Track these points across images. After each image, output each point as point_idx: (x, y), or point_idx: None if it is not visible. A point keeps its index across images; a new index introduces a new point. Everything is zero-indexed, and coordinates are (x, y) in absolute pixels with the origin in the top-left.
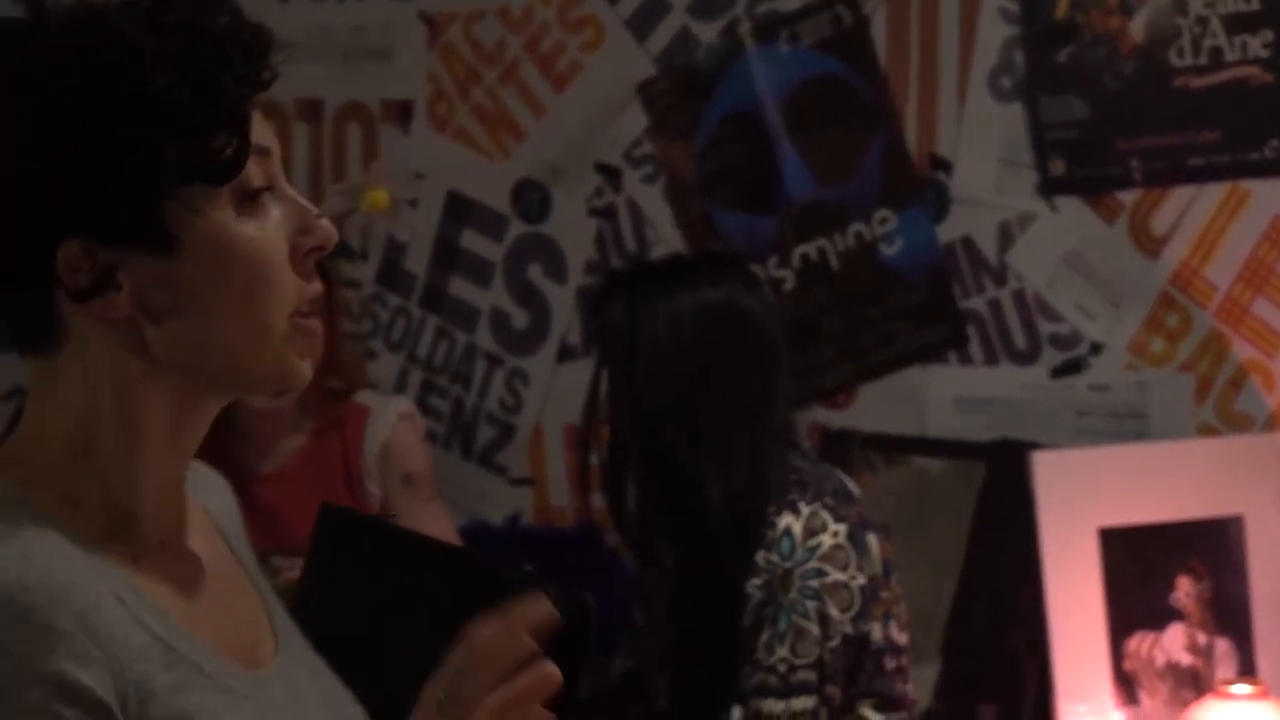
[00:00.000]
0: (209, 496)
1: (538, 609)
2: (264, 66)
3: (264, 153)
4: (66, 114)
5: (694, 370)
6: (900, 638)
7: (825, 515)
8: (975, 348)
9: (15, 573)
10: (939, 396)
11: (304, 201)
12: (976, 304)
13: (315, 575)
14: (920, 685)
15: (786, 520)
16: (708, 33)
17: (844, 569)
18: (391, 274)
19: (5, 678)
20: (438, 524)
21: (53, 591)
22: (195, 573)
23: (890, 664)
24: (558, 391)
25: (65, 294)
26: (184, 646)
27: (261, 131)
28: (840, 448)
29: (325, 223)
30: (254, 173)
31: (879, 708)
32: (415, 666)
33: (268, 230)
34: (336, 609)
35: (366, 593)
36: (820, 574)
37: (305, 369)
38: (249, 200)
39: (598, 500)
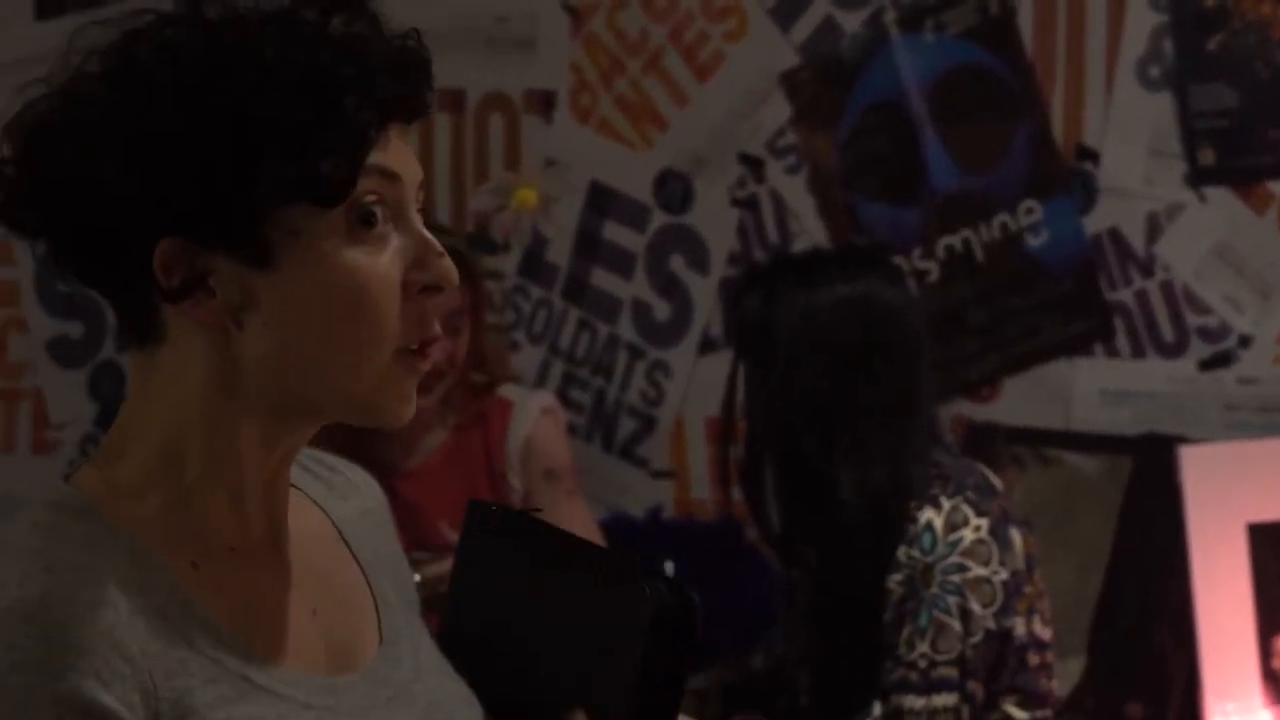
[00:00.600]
0: (339, 498)
1: None
2: (406, 92)
3: (390, 178)
4: (179, 109)
5: (830, 366)
6: (1044, 633)
7: (967, 509)
8: (1122, 340)
9: (38, 588)
10: (1085, 390)
11: (429, 236)
12: (1123, 296)
13: (461, 570)
14: (1065, 682)
15: (928, 515)
16: (852, 21)
17: (986, 564)
18: (534, 266)
19: (20, 696)
20: (578, 519)
21: (77, 607)
22: (266, 578)
23: (1034, 660)
24: (699, 384)
25: (159, 292)
26: (233, 659)
27: (396, 156)
28: (984, 442)
29: (446, 263)
30: (372, 198)
31: (1022, 704)
32: (553, 662)
33: (379, 260)
34: (479, 604)
35: (509, 588)
36: (962, 569)
37: (404, 409)
38: (364, 226)
39: (739, 494)
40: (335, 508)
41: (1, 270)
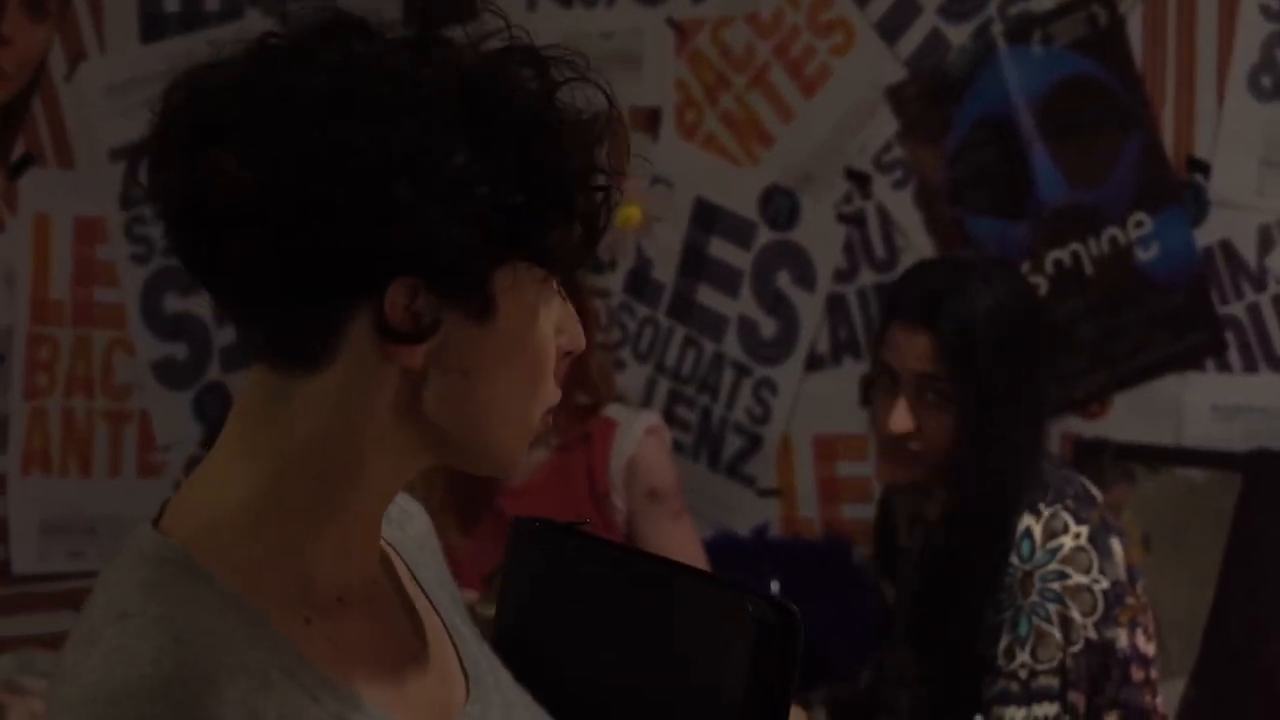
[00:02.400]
0: (398, 528)
1: None
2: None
3: None
4: (470, 149)
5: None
6: (1148, 648)
7: (1066, 517)
8: (1234, 355)
9: (171, 663)
10: (1196, 405)
11: (567, 302)
12: (1235, 310)
13: (509, 590)
14: (1170, 699)
15: (1026, 522)
16: (959, 34)
17: (1086, 571)
18: (639, 283)
19: None
20: (683, 541)
21: (212, 678)
22: (374, 628)
23: (1138, 675)
24: (806, 401)
25: (375, 326)
26: (357, 716)
27: None
28: (1093, 458)
29: (579, 329)
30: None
31: (1125, 719)
32: (636, 682)
33: (549, 325)
34: (532, 624)
35: (569, 607)
36: (1062, 576)
37: (526, 463)
38: (550, 290)
39: (847, 512)
40: (398, 540)
41: (108, 293)
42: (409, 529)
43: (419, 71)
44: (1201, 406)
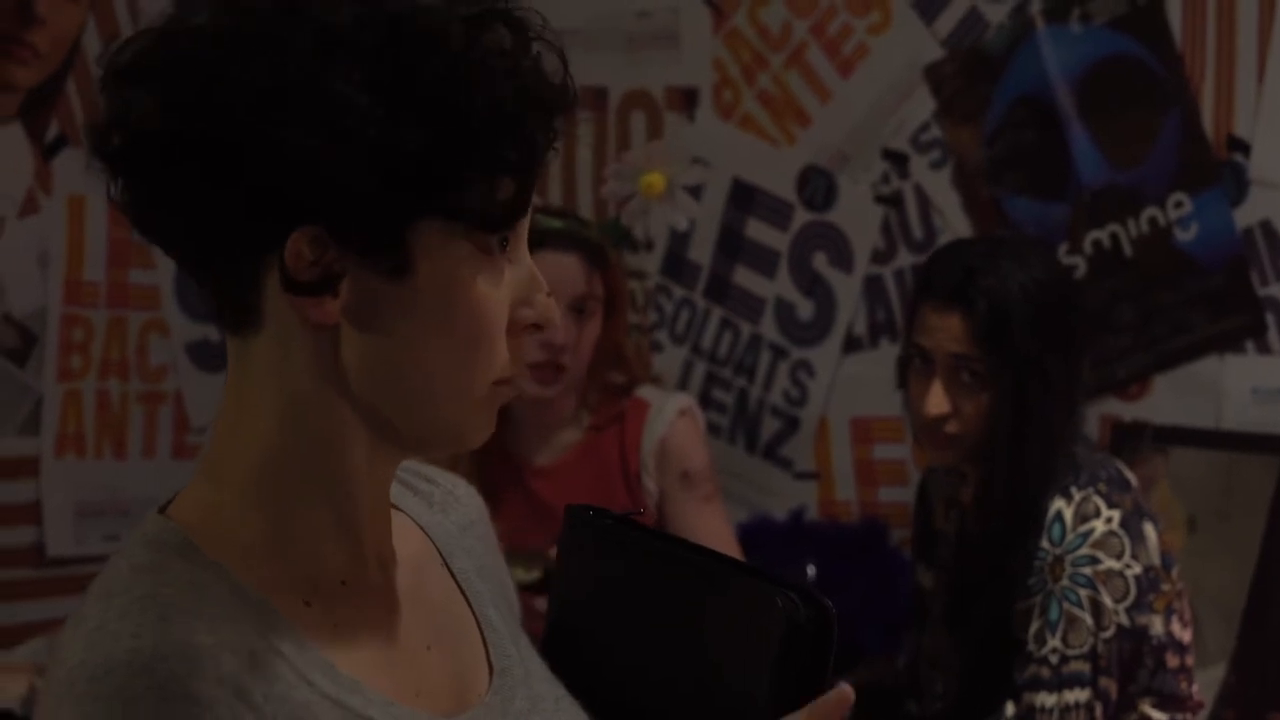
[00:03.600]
0: (439, 511)
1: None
2: (561, 120)
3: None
4: (374, 94)
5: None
6: (1184, 635)
7: (1098, 500)
8: (1274, 337)
9: (152, 639)
10: (1236, 387)
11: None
12: (1275, 291)
13: (562, 579)
14: (1208, 688)
15: (1058, 505)
16: (997, 13)
17: (1118, 556)
18: (676, 265)
19: None
20: (714, 524)
21: (194, 657)
22: (380, 613)
23: (1173, 661)
24: (843, 383)
25: (280, 279)
26: (354, 699)
27: None
28: (1133, 439)
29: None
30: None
31: (1160, 706)
32: (671, 674)
33: (498, 291)
34: (582, 613)
35: (616, 596)
36: (1093, 560)
37: (484, 436)
38: (496, 253)
39: (884, 495)
40: (434, 524)
41: (143, 274)
42: (452, 513)
43: (338, 13)
44: (1241, 388)
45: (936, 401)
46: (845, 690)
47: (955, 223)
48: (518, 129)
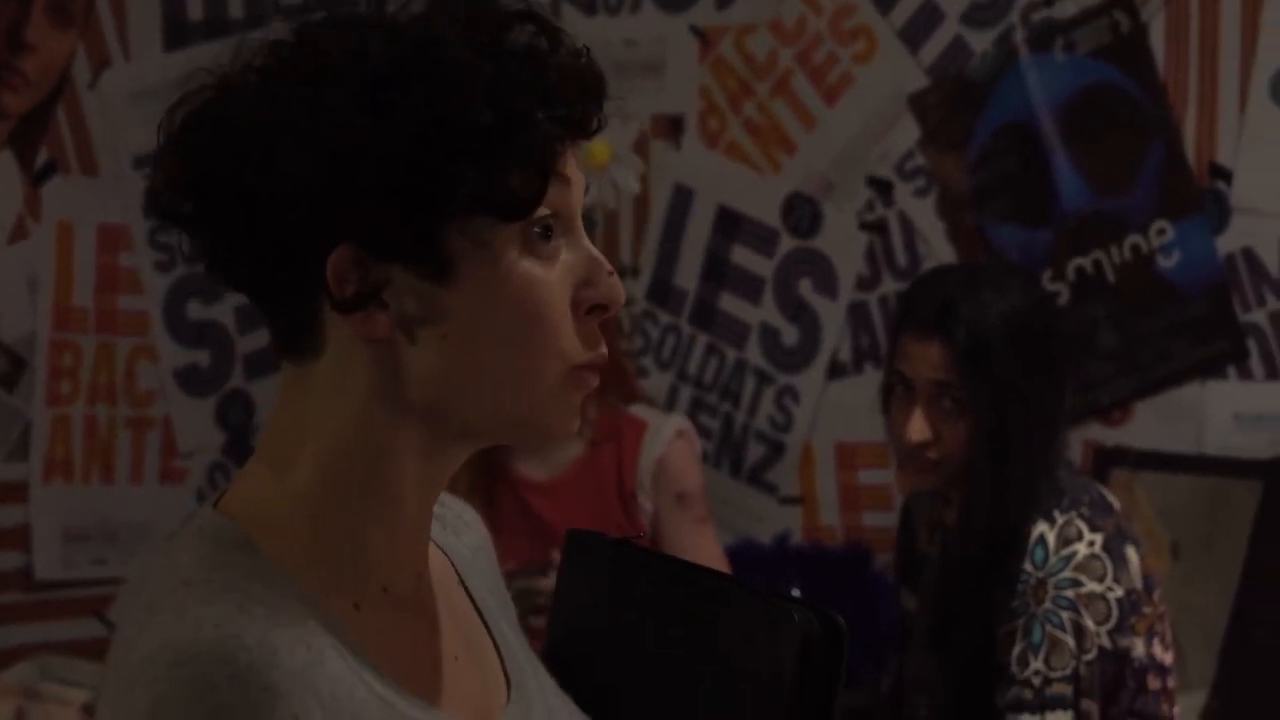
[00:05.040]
0: (452, 534)
1: None
2: (587, 108)
3: (569, 191)
4: (370, 110)
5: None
6: (1165, 657)
7: (1080, 524)
8: (1256, 363)
9: (232, 629)
10: (1218, 413)
11: (597, 254)
12: (1257, 318)
13: (563, 600)
14: (1189, 714)
15: (1040, 528)
16: (981, 42)
17: (1100, 579)
18: (661, 290)
19: None
20: (706, 545)
21: (272, 648)
22: (418, 622)
23: (1155, 683)
24: (828, 409)
25: (329, 300)
26: (400, 703)
27: (572, 169)
28: (1115, 465)
29: (615, 282)
30: (549, 212)
31: None
32: (680, 693)
33: (551, 275)
34: (584, 634)
35: (619, 617)
36: (1075, 584)
37: (571, 424)
38: (540, 240)
39: (868, 519)
40: (451, 545)
41: (131, 300)
42: (464, 536)
43: (336, 44)
44: (1223, 414)
45: (918, 428)
46: None
47: (939, 250)
48: (526, 122)
